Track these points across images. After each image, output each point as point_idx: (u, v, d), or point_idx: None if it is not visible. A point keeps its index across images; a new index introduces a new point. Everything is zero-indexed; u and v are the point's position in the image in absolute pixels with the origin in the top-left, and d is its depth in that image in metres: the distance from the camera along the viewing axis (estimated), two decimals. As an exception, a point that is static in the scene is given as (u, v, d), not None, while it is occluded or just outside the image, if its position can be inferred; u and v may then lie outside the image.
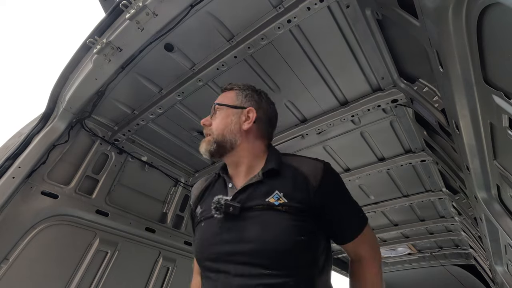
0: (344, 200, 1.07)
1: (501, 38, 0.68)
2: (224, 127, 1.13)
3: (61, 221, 1.90)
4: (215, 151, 1.10)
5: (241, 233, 0.94)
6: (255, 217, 0.96)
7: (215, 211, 0.99)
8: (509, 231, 1.31)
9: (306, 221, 0.96)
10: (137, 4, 1.36)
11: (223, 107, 1.17)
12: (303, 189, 0.99)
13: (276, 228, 0.93)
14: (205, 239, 1.02)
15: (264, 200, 0.98)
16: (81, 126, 2.07)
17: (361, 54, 1.70)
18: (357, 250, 1.06)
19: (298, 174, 1.03)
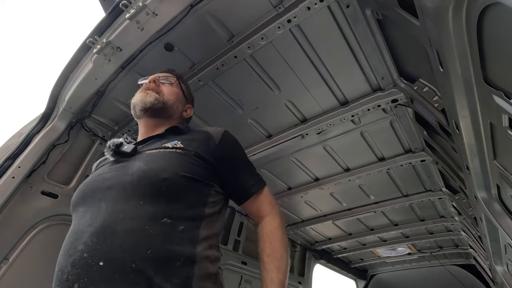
0: (242, 160, 1.13)
1: (501, 38, 0.68)
2: (175, 99, 1.23)
3: (61, 221, 1.90)
4: (157, 109, 1.14)
5: (126, 169, 0.92)
6: (146, 156, 0.95)
7: (108, 152, 0.97)
8: (509, 231, 1.32)
9: (197, 165, 0.95)
10: (137, 4, 1.36)
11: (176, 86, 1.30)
12: (203, 142, 1.04)
13: (161, 162, 0.92)
14: (88, 182, 0.97)
15: (161, 145, 1.00)
16: (81, 126, 2.07)
17: (361, 54, 1.70)
18: (258, 208, 1.06)
19: (202, 132, 1.11)
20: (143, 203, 0.82)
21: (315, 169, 2.81)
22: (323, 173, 2.86)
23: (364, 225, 3.79)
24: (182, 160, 0.94)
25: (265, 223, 1.03)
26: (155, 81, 1.22)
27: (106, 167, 0.98)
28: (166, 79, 1.28)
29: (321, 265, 4.53)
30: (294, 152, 2.55)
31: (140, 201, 0.82)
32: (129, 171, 0.90)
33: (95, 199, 0.87)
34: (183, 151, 0.97)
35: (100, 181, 0.92)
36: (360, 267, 5.21)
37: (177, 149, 0.97)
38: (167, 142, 1.02)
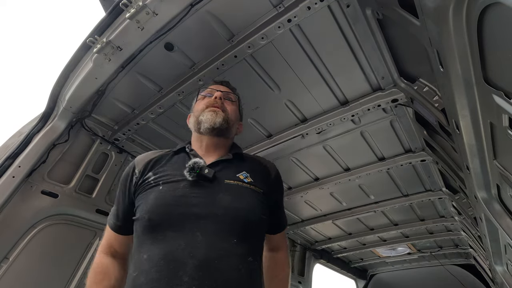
0: (283, 198, 1.29)
1: (501, 37, 0.68)
2: (235, 119, 1.26)
3: (61, 220, 1.90)
4: (223, 129, 1.16)
5: (214, 198, 0.97)
6: (227, 187, 1.02)
7: (189, 172, 1.00)
8: (509, 231, 1.32)
9: (264, 203, 1.07)
10: (137, 4, 1.36)
11: (236, 105, 1.31)
12: (264, 176, 1.16)
13: (247, 200, 1.02)
14: (166, 199, 0.98)
15: (235, 175, 1.07)
16: (81, 125, 2.07)
17: (361, 53, 1.70)
18: (280, 241, 1.26)
19: (260, 164, 1.22)
20: (236, 241, 0.92)
21: (315, 168, 2.82)
22: (323, 173, 2.86)
23: (364, 224, 3.79)
24: (259, 201, 1.05)
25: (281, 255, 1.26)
26: (221, 99, 1.22)
27: (187, 188, 1.00)
28: (228, 96, 1.28)
29: (321, 265, 4.53)
30: (294, 152, 2.55)
31: (234, 239, 0.92)
32: (218, 203, 0.97)
33: (185, 226, 0.91)
34: (255, 188, 1.07)
35: (185, 206, 0.95)
36: (360, 267, 5.22)
37: (250, 184, 1.07)
38: (238, 172, 1.10)
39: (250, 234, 0.98)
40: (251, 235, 0.98)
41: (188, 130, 2.41)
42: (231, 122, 1.20)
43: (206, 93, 1.28)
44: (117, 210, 1.17)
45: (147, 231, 0.95)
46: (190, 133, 2.43)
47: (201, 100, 1.25)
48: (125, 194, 1.14)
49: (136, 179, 1.11)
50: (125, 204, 1.13)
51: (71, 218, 1.96)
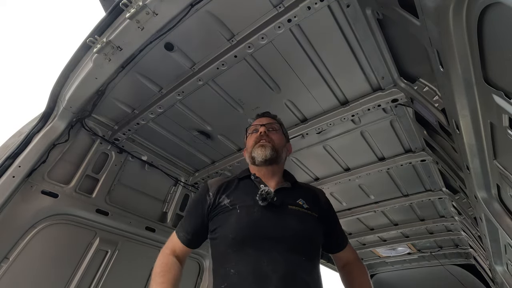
0: (337, 219, 1.40)
1: (501, 37, 0.68)
2: (282, 144, 1.40)
3: (61, 220, 1.90)
4: (272, 158, 1.32)
5: (283, 221, 1.15)
6: (291, 212, 1.20)
7: (262, 199, 1.17)
8: (509, 231, 1.32)
9: (319, 226, 1.23)
10: (137, 4, 1.36)
11: (280, 131, 1.45)
12: (316, 202, 1.31)
13: (309, 223, 1.20)
14: (246, 222, 1.15)
15: (295, 202, 1.25)
16: (81, 125, 2.07)
17: (361, 53, 1.70)
18: (349, 256, 1.36)
19: (311, 191, 1.38)
20: (305, 259, 1.10)
21: (315, 168, 2.82)
22: (323, 173, 2.86)
23: (364, 224, 3.79)
24: (316, 224, 1.22)
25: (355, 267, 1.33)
26: (266, 133, 1.38)
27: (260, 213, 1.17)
28: (271, 127, 1.43)
29: (321, 265, 4.53)
30: (294, 152, 2.55)
31: (303, 257, 1.09)
32: (288, 226, 1.14)
33: (264, 246, 1.08)
34: (312, 213, 1.24)
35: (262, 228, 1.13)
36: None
37: (308, 210, 1.23)
38: (296, 198, 1.27)
39: (314, 253, 1.16)
40: (315, 254, 1.17)
41: (188, 130, 2.43)
42: (279, 149, 1.36)
43: (252, 130, 1.45)
44: (188, 225, 1.33)
45: (231, 249, 1.12)
46: (190, 133, 2.44)
47: (250, 137, 1.44)
48: (197, 212, 1.31)
49: (210, 200, 1.29)
50: (197, 221, 1.29)
51: (71, 218, 1.96)
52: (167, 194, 2.74)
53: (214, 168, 2.76)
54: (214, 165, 2.77)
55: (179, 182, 2.81)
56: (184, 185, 2.84)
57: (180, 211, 2.77)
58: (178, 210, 2.75)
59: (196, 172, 2.90)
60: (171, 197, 2.75)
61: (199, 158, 2.70)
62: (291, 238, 1.10)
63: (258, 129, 1.40)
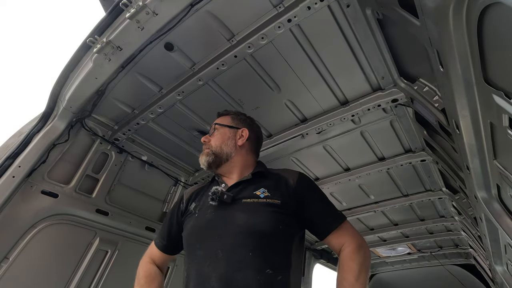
0: (320, 198, 1.26)
1: (501, 37, 0.68)
2: (221, 142, 1.36)
3: (61, 220, 1.90)
4: (213, 161, 1.32)
5: (232, 218, 1.12)
6: (243, 206, 1.15)
7: (211, 199, 1.16)
8: (509, 231, 1.31)
9: (284, 213, 1.13)
10: (137, 4, 1.36)
11: (221, 127, 1.42)
12: (283, 188, 1.22)
13: (260, 215, 1.11)
14: (199, 224, 1.18)
15: (252, 193, 1.19)
16: (81, 125, 2.07)
17: (361, 53, 1.70)
18: (341, 241, 1.16)
19: (280, 178, 1.27)
20: (252, 254, 1.02)
21: (315, 168, 2.82)
22: (323, 173, 2.86)
23: (364, 224, 3.79)
24: (275, 212, 1.12)
25: (346, 257, 1.12)
26: (205, 141, 1.41)
27: (213, 213, 1.17)
28: (212, 130, 1.44)
29: (321, 265, 4.53)
30: (294, 152, 2.55)
31: (250, 253, 1.02)
32: (236, 222, 1.10)
33: (210, 246, 1.07)
34: (271, 200, 1.15)
35: (212, 228, 1.12)
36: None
37: (267, 198, 1.16)
38: (256, 189, 1.21)
39: (267, 246, 1.05)
40: (268, 246, 1.06)
41: (188, 130, 2.43)
42: (217, 150, 1.34)
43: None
44: (164, 232, 1.38)
45: (186, 252, 1.17)
46: (190, 133, 2.44)
47: None
48: (172, 219, 1.37)
49: (182, 207, 1.35)
50: (172, 229, 1.35)
51: (71, 218, 1.96)
52: (167, 194, 2.74)
53: (214, 168, 2.76)
54: (214, 165, 2.77)
55: (179, 182, 2.81)
56: (184, 185, 2.84)
57: (180, 211, 2.77)
58: (178, 210, 2.75)
59: (196, 172, 2.90)
60: (171, 197, 2.75)
61: (199, 158, 2.70)
62: (237, 235, 1.07)
63: None
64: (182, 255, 2.62)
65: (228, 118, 1.47)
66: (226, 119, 1.47)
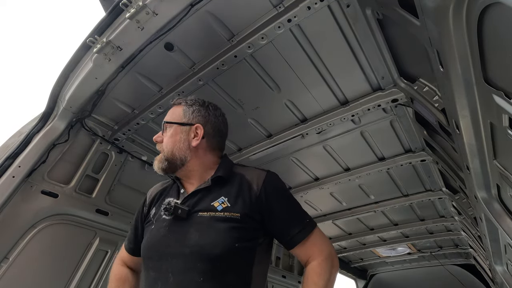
0: (286, 206, 1.11)
1: (501, 37, 0.68)
2: (173, 145, 1.16)
3: (61, 220, 1.90)
4: (167, 168, 1.15)
5: (184, 236, 1.00)
6: (198, 222, 1.02)
7: (165, 213, 1.06)
8: (509, 231, 1.31)
9: (244, 228, 1.01)
10: (137, 4, 1.36)
11: (173, 124, 1.21)
12: (245, 195, 1.06)
13: (213, 234, 0.98)
14: (152, 239, 1.07)
15: (210, 205, 1.05)
16: (81, 125, 2.07)
17: (361, 53, 1.70)
18: (307, 253, 1.06)
19: (244, 181, 1.11)
20: (203, 280, 0.92)
21: (315, 168, 2.81)
22: (323, 173, 2.86)
23: (364, 224, 3.79)
24: (232, 228, 0.99)
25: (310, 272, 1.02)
26: (157, 141, 1.23)
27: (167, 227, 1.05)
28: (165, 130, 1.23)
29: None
30: (294, 152, 2.55)
31: (201, 277, 0.93)
32: (187, 241, 0.98)
33: (162, 267, 0.99)
34: (230, 214, 1.01)
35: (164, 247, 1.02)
36: (360, 267, 5.22)
37: (224, 211, 1.02)
38: (215, 198, 1.07)
39: (219, 271, 0.95)
40: (220, 271, 0.95)
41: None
42: (169, 155, 1.15)
43: None
44: (131, 236, 1.30)
45: (142, 270, 1.08)
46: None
47: None
48: (136, 222, 1.29)
49: (145, 210, 1.25)
50: (136, 232, 1.27)
51: (71, 218, 1.96)
52: (167, 194, 2.74)
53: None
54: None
55: (179, 182, 2.81)
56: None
57: (180, 211, 2.76)
58: (178, 210, 2.75)
59: (196, 172, 2.90)
60: (171, 197, 2.75)
61: (199, 158, 2.70)
62: (187, 257, 0.96)
63: None
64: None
65: (179, 110, 1.23)
66: (177, 113, 1.23)
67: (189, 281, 0.93)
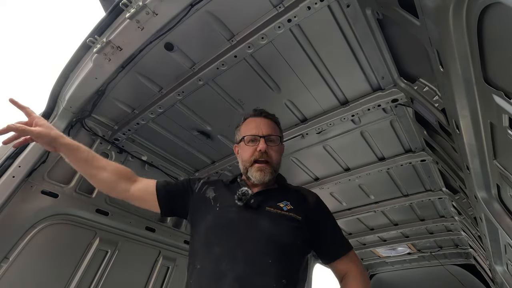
0: (334, 223, 1.31)
1: (501, 37, 0.68)
2: (280, 159, 1.35)
3: (61, 220, 1.90)
4: (271, 178, 1.28)
5: (255, 222, 1.13)
6: (267, 214, 1.17)
7: (238, 199, 1.18)
8: (509, 231, 1.31)
9: (302, 229, 1.17)
10: (137, 4, 1.36)
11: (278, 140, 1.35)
12: (303, 205, 1.25)
13: (282, 226, 1.14)
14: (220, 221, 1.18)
15: (276, 204, 1.21)
16: (81, 125, 2.07)
17: (361, 53, 1.70)
18: (347, 267, 1.22)
19: (300, 195, 1.32)
20: (271, 262, 1.04)
21: (315, 168, 2.81)
22: (323, 173, 2.86)
23: (364, 224, 3.79)
24: (295, 227, 1.16)
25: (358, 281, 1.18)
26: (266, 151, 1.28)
27: (236, 213, 1.18)
28: (270, 139, 1.32)
29: (321, 265, 4.53)
30: (294, 152, 2.55)
31: (269, 260, 1.05)
32: (259, 228, 1.12)
33: (230, 245, 1.08)
34: (293, 215, 1.18)
35: (233, 228, 1.13)
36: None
37: (289, 212, 1.19)
38: (279, 201, 1.23)
39: (285, 257, 1.08)
40: (286, 257, 1.08)
41: (188, 129, 2.41)
42: (277, 168, 1.31)
43: (249, 139, 1.32)
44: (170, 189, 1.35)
45: (202, 246, 1.15)
46: (190, 133, 2.42)
47: (247, 147, 1.31)
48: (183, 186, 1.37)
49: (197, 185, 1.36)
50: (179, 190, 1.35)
51: (71, 218, 1.96)
52: (167, 194, 2.74)
53: (214, 168, 2.76)
54: (214, 165, 2.77)
55: (179, 182, 2.81)
56: (184, 185, 2.83)
57: (180, 211, 2.76)
58: (178, 210, 2.75)
59: (196, 172, 2.90)
60: (171, 197, 2.75)
61: (199, 158, 2.70)
62: (258, 240, 1.08)
63: (257, 139, 1.29)
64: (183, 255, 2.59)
65: (277, 129, 1.41)
66: (278, 130, 1.41)
67: (259, 261, 1.04)
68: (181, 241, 2.66)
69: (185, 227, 2.76)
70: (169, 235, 2.56)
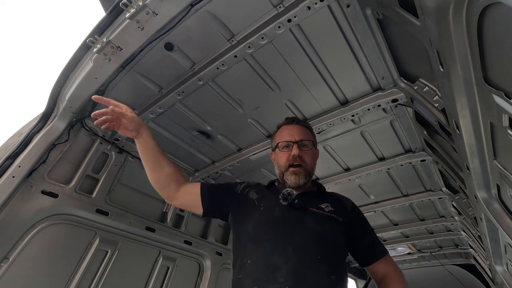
0: (370, 228, 1.38)
1: (501, 37, 0.68)
2: (314, 163, 1.42)
3: (61, 220, 1.90)
4: (306, 181, 1.35)
5: (301, 223, 1.19)
6: (311, 214, 1.24)
7: (283, 199, 1.24)
8: (509, 231, 1.32)
9: (343, 230, 1.24)
10: (137, 4, 1.36)
11: (311, 144, 1.43)
12: (342, 208, 1.32)
13: (329, 225, 1.22)
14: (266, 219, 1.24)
15: (317, 205, 1.28)
16: (81, 125, 2.07)
17: (361, 53, 1.70)
18: (386, 269, 1.28)
19: (337, 199, 1.40)
20: (320, 258, 1.10)
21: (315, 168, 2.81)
22: (323, 173, 2.86)
23: (364, 224, 3.79)
24: (338, 227, 1.23)
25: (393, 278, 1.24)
26: (300, 156, 1.35)
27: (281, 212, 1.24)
28: (303, 143, 1.41)
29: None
30: (294, 152, 2.55)
31: (318, 256, 1.10)
32: (306, 226, 1.18)
33: (280, 241, 1.14)
34: (335, 216, 1.25)
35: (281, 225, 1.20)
36: (360, 267, 5.21)
37: (331, 213, 1.26)
38: (320, 202, 1.31)
39: (331, 254, 1.15)
40: (332, 254, 1.15)
41: (188, 130, 2.41)
42: (311, 171, 1.39)
43: (284, 146, 1.42)
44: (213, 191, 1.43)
45: (250, 242, 1.20)
46: (190, 133, 2.42)
47: (281, 153, 1.41)
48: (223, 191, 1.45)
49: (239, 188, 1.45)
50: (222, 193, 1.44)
51: (71, 218, 1.96)
52: (167, 194, 2.74)
53: (214, 168, 2.76)
54: (214, 165, 2.77)
55: (179, 182, 2.81)
56: (184, 185, 2.83)
57: (180, 211, 2.77)
58: (178, 210, 2.75)
59: (196, 172, 2.90)
60: (171, 197, 2.74)
61: (199, 158, 2.70)
62: (307, 237, 1.14)
63: (290, 145, 1.39)
64: (183, 255, 2.59)
65: (310, 134, 1.49)
66: (311, 136, 1.49)
67: (310, 256, 1.10)
68: (181, 241, 2.66)
69: (185, 227, 2.76)
70: (169, 235, 2.56)
